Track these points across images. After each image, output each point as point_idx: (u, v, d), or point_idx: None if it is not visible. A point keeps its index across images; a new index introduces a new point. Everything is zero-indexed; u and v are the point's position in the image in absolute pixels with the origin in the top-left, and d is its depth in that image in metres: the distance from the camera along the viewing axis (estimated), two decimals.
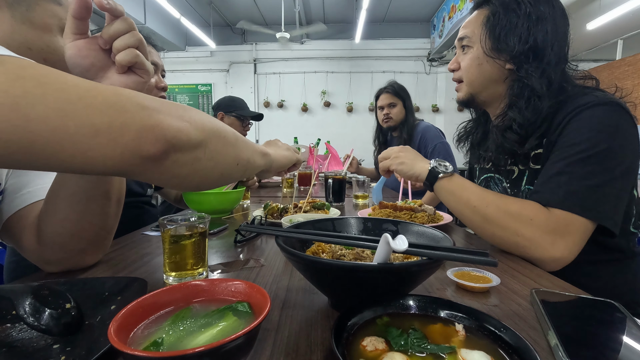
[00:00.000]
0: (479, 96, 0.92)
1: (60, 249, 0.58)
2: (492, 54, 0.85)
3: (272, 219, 1.02)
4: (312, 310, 0.48)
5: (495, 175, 0.98)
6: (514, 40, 0.81)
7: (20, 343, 0.39)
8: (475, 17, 0.89)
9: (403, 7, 5.77)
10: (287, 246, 0.44)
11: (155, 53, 1.15)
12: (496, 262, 0.38)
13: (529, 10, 0.81)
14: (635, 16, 4.08)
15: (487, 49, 0.85)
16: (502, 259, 0.73)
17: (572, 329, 0.41)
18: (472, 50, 0.89)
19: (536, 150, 0.82)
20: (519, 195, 0.86)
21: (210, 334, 0.33)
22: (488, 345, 0.33)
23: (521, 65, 0.82)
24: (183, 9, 5.36)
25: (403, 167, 0.90)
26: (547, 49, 0.80)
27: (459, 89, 0.96)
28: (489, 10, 0.86)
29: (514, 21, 0.82)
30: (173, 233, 0.56)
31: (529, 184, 0.84)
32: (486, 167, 1.03)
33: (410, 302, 0.39)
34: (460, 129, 1.13)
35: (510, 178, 0.91)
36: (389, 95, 2.12)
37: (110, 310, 0.45)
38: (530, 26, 0.80)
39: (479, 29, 0.87)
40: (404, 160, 0.91)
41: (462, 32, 0.92)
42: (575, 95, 0.78)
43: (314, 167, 1.62)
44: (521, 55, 0.81)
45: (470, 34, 0.89)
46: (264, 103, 6.45)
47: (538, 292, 0.50)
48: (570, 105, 0.75)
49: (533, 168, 0.83)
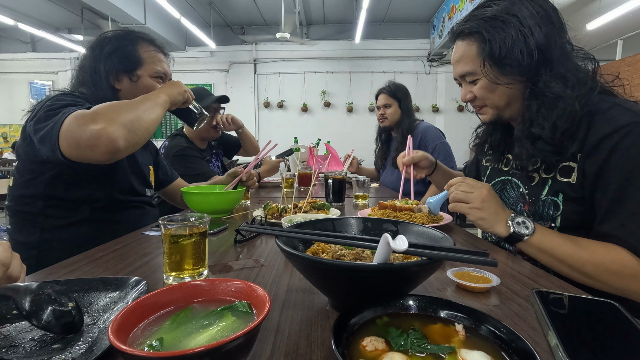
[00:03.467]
0: (505, 114, 0.89)
1: None
2: (502, 79, 0.82)
3: (272, 219, 1.02)
4: (312, 310, 0.48)
5: (512, 179, 0.94)
6: (517, 56, 0.78)
7: (21, 343, 0.39)
8: (466, 51, 0.85)
9: (403, 7, 5.78)
10: (287, 246, 0.44)
11: (166, 61, 1.16)
12: (496, 262, 0.38)
13: (514, 21, 0.78)
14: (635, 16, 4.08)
15: (494, 77, 0.82)
16: (502, 259, 0.73)
17: (572, 329, 0.41)
18: (480, 81, 0.86)
19: (565, 162, 0.79)
20: (537, 204, 0.84)
21: (210, 334, 0.33)
22: (488, 345, 0.33)
23: (535, 78, 0.79)
24: (183, 9, 5.36)
25: (482, 224, 0.81)
26: (552, 48, 0.78)
27: (483, 112, 0.92)
28: (478, 40, 0.83)
29: (508, 40, 0.78)
30: (173, 233, 0.56)
31: (552, 194, 0.81)
32: (503, 169, 1.00)
33: (410, 302, 0.39)
34: (478, 133, 1.08)
35: (529, 185, 0.87)
36: (385, 95, 2.14)
37: (111, 310, 0.45)
38: (526, 35, 0.77)
39: (476, 60, 0.84)
40: (485, 216, 0.80)
41: (461, 70, 0.88)
42: (603, 106, 0.75)
43: (314, 167, 1.61)
44: (530, 67, 0.79)
45: (471, 70, 0.86)
46: (264, 103, 6.46)
47: (538, 292, 0.50)
48: (606, 122, 0.72)
49: (559, 180, 0.80)
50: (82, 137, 0.78)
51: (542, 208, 0.84)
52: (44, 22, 6.14)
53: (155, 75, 1.09)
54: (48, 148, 0.82)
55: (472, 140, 1.09)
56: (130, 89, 1.06)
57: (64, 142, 0.79)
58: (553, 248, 0.74)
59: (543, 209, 0.83)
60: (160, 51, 1.14)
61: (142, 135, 0.86)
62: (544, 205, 0.83)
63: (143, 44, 1.09)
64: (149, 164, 1.28)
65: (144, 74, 1.07)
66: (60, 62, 6.61)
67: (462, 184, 0.86)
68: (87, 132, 0.77)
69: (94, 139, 0.77)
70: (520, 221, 0.77)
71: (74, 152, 0.80)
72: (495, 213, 0.79)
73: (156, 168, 1.35)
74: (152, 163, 1.31)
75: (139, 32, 1.12)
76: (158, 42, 1.15)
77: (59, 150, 0.80)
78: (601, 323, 0.44)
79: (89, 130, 0.77)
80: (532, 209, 0.86)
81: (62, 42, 5.82)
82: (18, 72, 6.69)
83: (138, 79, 1.07)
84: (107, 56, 1.03)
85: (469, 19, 0.85)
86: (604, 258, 0.69)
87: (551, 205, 0.81)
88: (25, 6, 5.59)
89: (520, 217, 0.77)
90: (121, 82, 1.06)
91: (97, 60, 1.03)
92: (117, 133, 0.79)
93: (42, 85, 6.75)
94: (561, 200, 0.80)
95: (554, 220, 0.81)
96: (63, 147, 0.80)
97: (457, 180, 0.88)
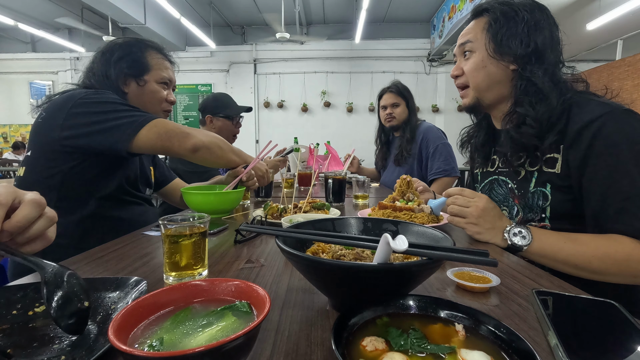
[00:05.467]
0: (485, 100, 0.94)
1: None
2: (496, 56, 0.88)
3: (272, 219, 1.02)
4: (312, 310, 0.48)
5: (499, 177, 0.98)
6: (516, 43, 0.85)
7: (21, 343, 0.39)
8: (475, 24, 0.92)
9: (403, 7, 5.78)
10: (287, 246, 0.44)
11: (171, 68, 1.23)
12: (496, 262, 0.38)
13: (527, 17, 0.85)
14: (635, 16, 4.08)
15: (490, 50, 0.88)
16: (502, 259, 0.73)
17: (572, 329, 0.41)
18: (474, 54, 0.92)
19: (549, 154, 0.83)
20: (527, 196, 0.87)
21: (210, 334, 0.33)
22: (488, 345, 0.33)
23: (525, 66, 0.85)
24: (183, 9, 5.37)
25: (479, 237, 0.83)
26: (547, 52, 0.84)
27: (464, 95, 0.97)
28: (489, 18, 0.89)
29: (514, 27, 0.86)
30: (173, 233, 0.56)
31: (540, 185, 0.85)
32: (490, 170, 1.03)
33: (410, 302, 0.39)
34: (462, 134, 1.14)
35: (516, 179, 0.91)
36: (393, 94, 2.12)
37: (111, 310, 0.45)
38: (530, 31, 0.84)
39: (480, 34, 0.90)
40: (481, 231, 0.83)
41: (464, 38, 0.94)
42: (581, 101, 0.80)
43: (314, 167, 1.61)
44: (524, 57, 0.85)
45: (472, 38, 0.92)
46: (264, 103, 6.46)
47: (538, 292, 0.50)
48: (584, 113, 0.77)
49: (545, 171, 0.84)
50: (176, 131, 1.00)
51: (531, 200, 0.87)
52: (44, 22, 6.14)
53: (160, 80, 1.17)
54: (116, 138, 0.95)
55: (458, 139, 1.14)
56: (137, 93, 1.14)
57: (147, 131, 0.97)
58: (554, 252, 0.75)
59: (532, 200, 0.87)
60: (167, 59, 1.22)
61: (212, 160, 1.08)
62: (533, 197, 0.86)
63: (151, 51, 1.17)
64: (150, 165, 1.31)
65: (150, 79, 1.15)
66: (60, 62, 6.61)
67: (459, 198, 0.88)
68: (182, 130, 1.02)
69: (184, 136, 1.01)
70: (517, 232, 0.78)
71: (152, 142, 0.98)
72: (491, 227, 0.82)
73: (154, 168, 1.37)
74: (151, 163, 1.34)
75: (148, 41, 1.20)
76: (165, 50, 1.23)
77: (131, 140, 0.95)
78: (601, 323, 0.44)
79: (184, 131, 1.02)
80: (522, 202, 0.90)
81: (62, 42, 5.83)
82: (18, 72, 6.69)
83: (145, 84, 1.15)
84: (117, 61, 1.10)
85: (489, 1, 0.93)
86: (607, 250, 0.70)
87: (540, 195, 0.85)
88: (25, 6, 5.59)
89: (517, 228, 0.79)
90: (129, 86, 1.13)
91: (108, 65, 1.10)
92: (201, 144, 1.03)
93: (42, 85, 6.75)
94: (549, 191, 0.83)
95: (544, 211, 0.84)
96: (142, 135, 0.96)
97: (454, 191, 0.90)
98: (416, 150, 2.06)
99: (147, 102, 1.16)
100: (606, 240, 0.71)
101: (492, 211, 0.84)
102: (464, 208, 0.86)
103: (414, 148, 2.07)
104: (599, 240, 0.73)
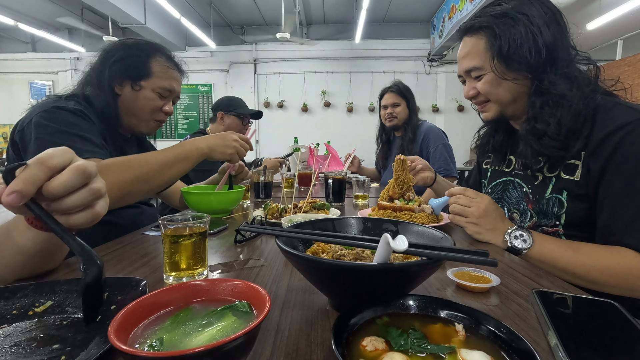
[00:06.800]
0: (508, 111, 0.89)
1: None
2: (508, 76, 0.83)
3: (272, 219, 1.01)
4: (312, 310, 0.48)
5: (515, 179, 0.95)
6: (525, 53, 0.79)
7: (21, 343, 0.39)
8: (475, 46, 0.86)
9: (403, 7, 5.77)
10: (287, 246, 0.44)
11: (177, 78, 1.17)
12: (496, 262, 0.38)
13: (525, 20, 0.79)
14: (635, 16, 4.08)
15: (500, 73, 0.83)
16: (502, 259, 0.73)
17: (572, 329, 0.41)
18: (485, 76, 0.86)
19: (570, 160, 0.80)
20: (541, 202, 0.84)
21: (210, 334, 0.33)
22: (488, 345, 0.33)
23: (541, 76, 0.80)
24: (183, 9, 5.36)
25: (479, 237, 0.84)
26: (558, 48, 0.79)
27: (486, 110, 0.92)
28: (487, 35, 0.84)
29: (517, 37, 0.79)
30: (173, 233, 0.56)
31: (557, 192, 0.82)
32: (505, 170, 1.00)
33: (410, 302, 0.39)
34: (481, 135, 1.08)
35: (533, 184, 0.88)
36: (394, 94, 2.13)
37: (110, 310, 0.45)
38: (535, 34, 0.79)
39: (484, 55, 0.85)
40: (481, 231, 0.83)
41: (468, 64, 0.88)
42: (606, 105, 0.76)
43: (314, 167, 1.61)
44: (537, 65, 0.80)
45: (478, 64, 0.86)
46: (264, 103, 6.45)
47: (538, 292, 0.50)
48: (609, 120, 0.73)
49: (563, 178, 0.81)
50: None
51: (546, 206, 0.84)
52: (44, 22, 6.14)
53: (159, 90, 1.11)
54: None
55: (474, 142, 1.10)
56: (130, 97, 1.08)
57: None
58: (554, 259, 0.74)
59: (547, 207, 0.84)
60: (176, 68, 1.16)
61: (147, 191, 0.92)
62: (549, 204, 0.83)
63: (159, 58, 1.11)
64: None
65: (147, 86, 1.09)
66: (60, 62, 6.60)
67: (461, 197, 0.88)
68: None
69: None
70: (518, 235, 0.78)
71: None
72: (492, 228, 0.82)
73: None
74: None
75: (160, 46, 1.14)
76: (176, 59, 1.17)
77: None
78: (601, 323, 0.44)
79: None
80: (536, 207, 0.87)
81: (62, 42, 5.82)
82: (18, 72, 6.68)
83: (140, 89, 1.08)
84: (115, 61, 1.05)
85: (479, 15, 0.86)
86: (609, 263, 0.69)
87: (555, 203, 0.82)
88: (25, 6, 5.59)
89: (519, 231, 0.78)
90: (123, 88, 1.08)
91: (105, 63, 1.05)
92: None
93: (42, 85, 6.74)
94: (565, 198, 0.80)
95: (559, 218, 0.82)
96: None
97: (457, 190, 0.90)
98: (417, 150, 2.07)
99: (138, 109, 1.10)
100: (609, 253, 0.70)
101: (494, 212, 0.83)
102: (465, 207, 0.86)
103: (415, 148, 2.08)
104: (601, 251, 0.71)
